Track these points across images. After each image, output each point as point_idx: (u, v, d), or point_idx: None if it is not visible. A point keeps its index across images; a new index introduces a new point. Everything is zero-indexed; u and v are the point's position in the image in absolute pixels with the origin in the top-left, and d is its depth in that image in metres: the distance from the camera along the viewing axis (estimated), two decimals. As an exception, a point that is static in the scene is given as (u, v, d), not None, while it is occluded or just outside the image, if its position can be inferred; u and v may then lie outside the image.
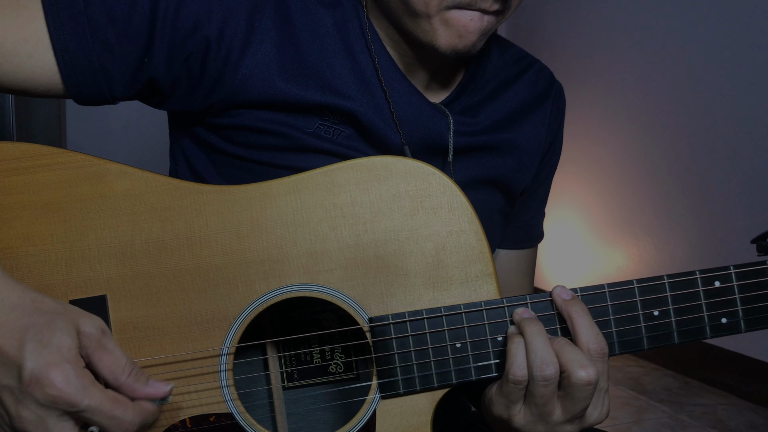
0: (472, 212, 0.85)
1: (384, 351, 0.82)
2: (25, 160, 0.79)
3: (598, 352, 0.79)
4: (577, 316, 0.80)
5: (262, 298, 0.82)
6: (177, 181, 0.83)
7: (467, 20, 0.88)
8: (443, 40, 0.89)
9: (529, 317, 0.81)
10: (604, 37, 3.34)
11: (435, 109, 0.98)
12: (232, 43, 0.88)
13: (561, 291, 0.82)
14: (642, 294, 0.83)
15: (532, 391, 0.78)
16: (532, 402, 0.79)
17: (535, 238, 1.18)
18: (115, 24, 0.86)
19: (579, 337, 0.79)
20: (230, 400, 0.80)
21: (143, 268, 0.80)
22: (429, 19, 0.88)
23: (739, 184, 2.67)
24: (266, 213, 0.82)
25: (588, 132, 3.43)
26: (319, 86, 0.91)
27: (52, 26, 0.84)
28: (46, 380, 0.65)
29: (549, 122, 1.11)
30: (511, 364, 0.78)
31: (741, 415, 2.52)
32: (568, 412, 0.79)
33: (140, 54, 0.87)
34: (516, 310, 0.82)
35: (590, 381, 0.76)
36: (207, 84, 0.90)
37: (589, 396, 0.78)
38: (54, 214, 0.79)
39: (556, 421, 0.79)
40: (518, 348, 0.79)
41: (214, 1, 0.88)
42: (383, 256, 0.83)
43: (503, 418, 0.81)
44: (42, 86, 0.87)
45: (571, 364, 0.77)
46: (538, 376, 0.77)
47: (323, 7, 0.94)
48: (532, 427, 0.80)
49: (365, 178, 0.84)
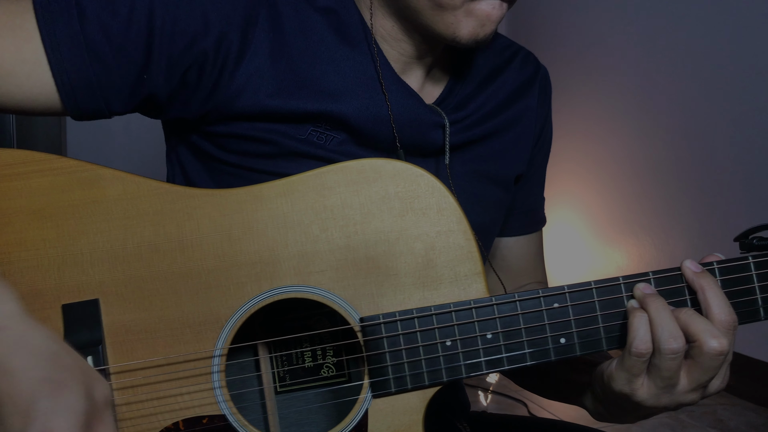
0: (460, 212, 0.85)
1: (375, 350, 0.83)
2: (18, 166, 0.80)
3: (729, 323, 0.81)
4: (708, 288, 0.83)
5: (254, 299, 0.82)
6: (168, 185, 0.83)
7: (490, 9, 0.90)
8: (465, 31, 0.90)
9: (651, 292, 0.83)
10: (603, 36, 3.35)
11: (431, 112, 0.99)
12: (228, 54, 0.89)
13: (691, 264, 0.85)
14: (628, 290, 0.85)
15: (657, 364, 0.80)
16: (657, 375, 0.81)
17: (539, 222, 1.21)
18: (111, 42, 0.86)
19: (711, 309, 0.82)
20: (223, 401, 0.81)
21: (135, 272, 0.81)
22: (454, 11, 0.90)
23: (740, 184, 2.67)
24: (257, 216, 0.83)
25: (588, 131, 3.44)
26: (312, 94, 0.92)
27: (49, 47, 0.84)
28: None
29: (537, 106, 1.12)
30: (633, 338, 0.81)
31: (741, 415, 2.52)
32: (694, 381, 0.81)
33: (138, 70, 0.88)
34: (637, 285, 0.84)
35: (723, 351, 0.79)
36: (202, 94, 0.91)
37: (718, 366, 0.80)
38: (46, 220, 0.80)
39: (681, 391, 0.82)
40: (640, 322, 0.81)
41: (210, 14, 0.89)
42: (373, 256, 0.84)
43: (624, 392, 0.83)
44: (41, 106, 0.87)
45: (703, 335, 0.79)
46: (666, 349, 0.79)
47: (318, 13, 0.95)
48: (655, 400, 0.82)
49: (355, 180, 0.85)
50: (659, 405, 0.83)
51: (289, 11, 0.93)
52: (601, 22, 3.36)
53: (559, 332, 0.84)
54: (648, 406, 0.83)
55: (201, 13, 0.88)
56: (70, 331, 0.79)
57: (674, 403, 0.83)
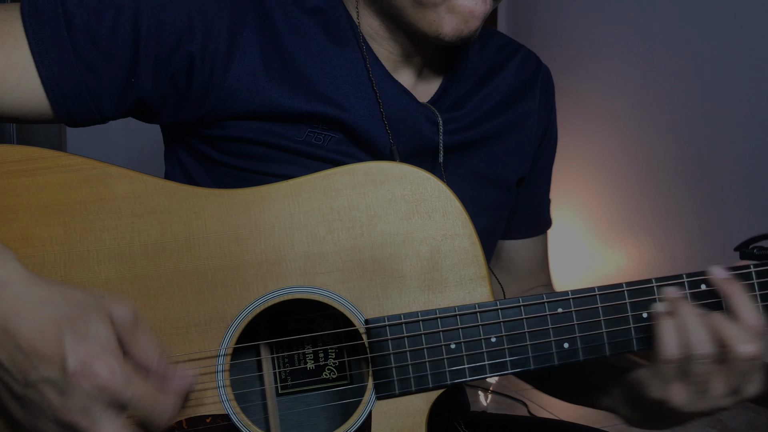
0: (465, 216, 0.86)
1: (380, 352, 0.83)
2: (26, 162, 0.80)
3: (760, 328, 0.82)
4: (738, 294, 0.83)
5: (260, 299, 0.83)
6: (176, 185, 0.84)
7: (473, 5, 0.90)
8: (449, 28, 0.90)
9: (679, 296, 0.83)
10: (603, 36, 3.35)
11: (424, 110, 0.98)
12: (216, 56, 0.89)
13: (719, 271, 0.85)
14: (631, 296, 0.85)
15: (689, 369, 0.81)
16: (690, 380, 0.81)
17: (544, 224, 1.20)
18: (98, 48, 0.87)
19: (741, 314, 0.82)
20: (226, 401, 0.81)
21: (142, 270, 0.81)
22: (435, 8, 0.90)
23: (740, 184, 2.67)
24: (264, 216, 0.84)
25: (588, 131, 3.44)
26: (307, 94, 0.92)
27: (37, 54, 0.85)
28: (91, 371, 0.66)
29: (539, 107, 1.11)
30: (662, 344, 0.81)
31: (741, 415, 2.53)
32: (730, 386, 0.82)
33: (126, 74, 0.88)
34: (665, 289, 0.84)
35: (756, 355, 0.80)
36: (194, 98, 0.91)
37: (751, 370, 0.81)
38: (53, 217, 0.80)
39: (717, 396, 0.82)
40: (668, 328, 0.82)
41: (195, 16, 0.89)
42: (379, 258, 0.84)
43: (659, 399, 0.83)
44: (32, 112, 0.88)
45: (734, 340, 0.80)
46: (698, 354, 0.80)
47: (307, 15, 0.95)
48: (692, 406, 0.83)
49: (362, 182, 0.85)
50: (698, 410, 0.83)
51: (278, 13, 0.93)
52: (601, 22, 3.36)
53: (563, 337, 0.85)
54: (686, 412, 0.83)
55: (186, 16, 0.89)
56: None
57: (713, 407, 0.83)
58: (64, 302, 0.69)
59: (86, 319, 0.68)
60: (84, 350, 0.66)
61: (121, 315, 0.70)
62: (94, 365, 0.66)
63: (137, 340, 0.70)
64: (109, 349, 0.68)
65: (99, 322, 0.68)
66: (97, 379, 0.66)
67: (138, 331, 0.71)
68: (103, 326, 0.68)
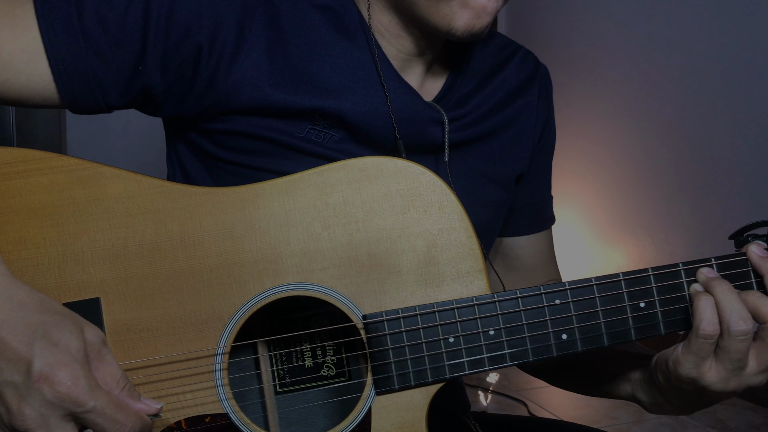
0: (461, 210, 0.85)
1: (378, 347, 0.82)
2: (18, 164, 0.80)
3: None
4: None
5: (257, 297, 0.82)
6: (170, 184, 0.83)
7: (485, 1, 0.90)
8: (461, 23, 0.91)
9: (715, 276, 0.84)
10: (603, 35, 3.35)
11: (430, 109, 0.99)
12: (224, 48, 0.89)
13: (757, 248, 0.86)
14: (628, 286, 0.85)
15: (726, 346, 0.81)
16: (726, 357, 0.82)
17: (547, 220, 1.21)
18: (108, 34, 0.87)
19: None
20: (225, 399, 0.81)
21: (137, 270, 0.81)
22: (449, 2, 0.90)
23: (740, 184, 2.67)
24: (259, 214, 0.83)
25: (588, 131, 3.44)
26: (310, 90, 0.92)
27: (47, 37, 0.86)
28: (55, 377, 0.66)
29: (537, 105, 1.12)
30: (700, 320, 0.81)
31: (741, 415, 2.52)
32: (764, 363, 0.83)
33: (134, 62, 0.89)
34: (700, 269, 0.85)
35: None
36: (198, 89, 0.91)
37: None
38: (47, 218, 0.80)
39: (750, 373, 0.83)
40: (706, 304, 0.82)
41: (204, 7, 0.89)
42: (376, 254, 0.84)
43: (692, 377, 0.83)
44: (38, 96, 0.88)
45: None
46: (736, 330, 0.80)
47: (316, 9, 0.95)
48: (724, 384, 0.83)
49: (357, 178, 0.85)
50: (727, 389, 0.83)
51: (286, 8, 0.93)
52: (601, 22, 3.37)
53: (561, 328, 0.84)
54: (716, 391, 0.84)
55: (197, 7, 0.89)
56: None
57: (743, 385, 0.84)
58: (42, 309, 0.70)
59: (60, 328, 0.68)
60: (52, 356, 0.67)
61: (91, 335, 0.71)
62: (59, 372, 0.66)
63: (103, 362, 0.71)
64: (77, 359, 0.68)
65: (72, 334, 0.69)
66: (60, 386, 0.66)
67: (105, 354, 0.71)
68: (74, 338, 0.69)
